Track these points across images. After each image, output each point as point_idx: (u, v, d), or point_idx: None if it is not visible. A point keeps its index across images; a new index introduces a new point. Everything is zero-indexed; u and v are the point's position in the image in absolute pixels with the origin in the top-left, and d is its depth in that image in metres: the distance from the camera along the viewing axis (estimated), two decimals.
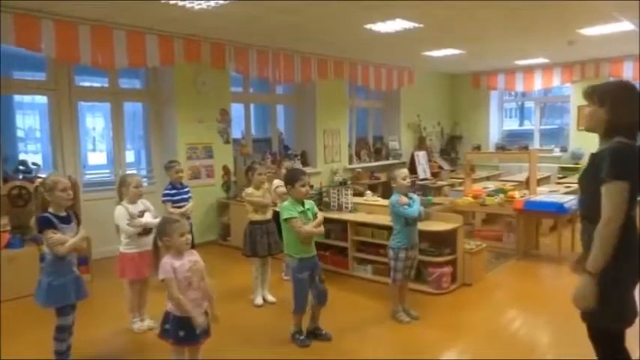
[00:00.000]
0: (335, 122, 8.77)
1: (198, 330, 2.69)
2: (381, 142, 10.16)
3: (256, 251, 4.39)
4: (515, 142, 10.99)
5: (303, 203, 3.57)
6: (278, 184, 4.82)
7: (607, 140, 2.09)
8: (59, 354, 3.14)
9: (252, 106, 8.01)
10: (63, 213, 3.09)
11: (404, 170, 3.96)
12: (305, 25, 5.96)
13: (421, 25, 5.97)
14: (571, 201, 5.49)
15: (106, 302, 4.48)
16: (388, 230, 4.37)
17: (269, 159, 7.55)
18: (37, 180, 4.93)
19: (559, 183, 7.82)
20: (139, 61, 5.87)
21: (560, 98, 11.03)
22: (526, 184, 6.65)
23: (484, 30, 6.50)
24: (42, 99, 6.45)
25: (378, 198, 5.97)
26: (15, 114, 8.21)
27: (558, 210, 5.46)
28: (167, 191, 4.82)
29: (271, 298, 4.48)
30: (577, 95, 9.29)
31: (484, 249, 5.03)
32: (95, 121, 9.87)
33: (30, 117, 9.02)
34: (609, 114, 2.08)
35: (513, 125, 13.40)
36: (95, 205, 5.65)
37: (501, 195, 6.17)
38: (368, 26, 5.98)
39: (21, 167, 5.46)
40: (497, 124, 11.38)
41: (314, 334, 3.66)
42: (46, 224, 2.99)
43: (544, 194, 6.22)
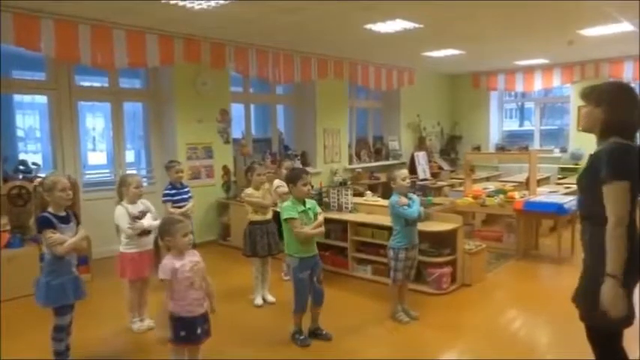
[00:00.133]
0: (335, 122, 8.77)
1: (198, 330, 2.69)
2: (381, 143, 10.16)
3: (256, 251, 4.38)
4: (515, 143, 10.98)
5: (304, 202, 3.57)
6: (279, 184, 4.82)
7: (604, 140, 2.10)
8: (58, 354, 3.14)
9: (252, 106, 8.02)
10: (62, 213, 3.09)
11: (404, 171, 3.96)
12: (305, 25, 5.96)
13: (421, 26, 5.97)
14: (571, 202, 5.48)
15: (106, 302, 4.48)
16: (388, 230, 4.37)
17: (269, 159, 7.56)
18: (37, 180, 4.93)
19: (559, 184, 7.81)
20: (139, 61, 5.87)
21: (560, 99, 11.04)
22: (526, 185, 6.65)
23: (484, 30, 6.50)
24: (42, 99, 6.45)
25: (378, 198, 5.96)
26: (15, 114, 8.21)
27: (558, 210, 5.46)
28: (167, 191, 4.83)
29: (271, 298, 4.48)
30: (577, 96, 9.16)
31: (484, 249, 5.03)
32: (95, 121, 9.87)
33: (30, 117, 9.03)
34: (605, 114, 2.08)
35: (513, 126, 13.40)
36: (95, 205, 5.65)
37: (501, 195, 6.17)
38: (368, 26, 5.98)
39: (21, 167, 5.45)
40: (497, 125, 11.37)
41: (314, 334, 3.67)
42: (46, 224, 2.99)
43: (544, 195, 6.22)
